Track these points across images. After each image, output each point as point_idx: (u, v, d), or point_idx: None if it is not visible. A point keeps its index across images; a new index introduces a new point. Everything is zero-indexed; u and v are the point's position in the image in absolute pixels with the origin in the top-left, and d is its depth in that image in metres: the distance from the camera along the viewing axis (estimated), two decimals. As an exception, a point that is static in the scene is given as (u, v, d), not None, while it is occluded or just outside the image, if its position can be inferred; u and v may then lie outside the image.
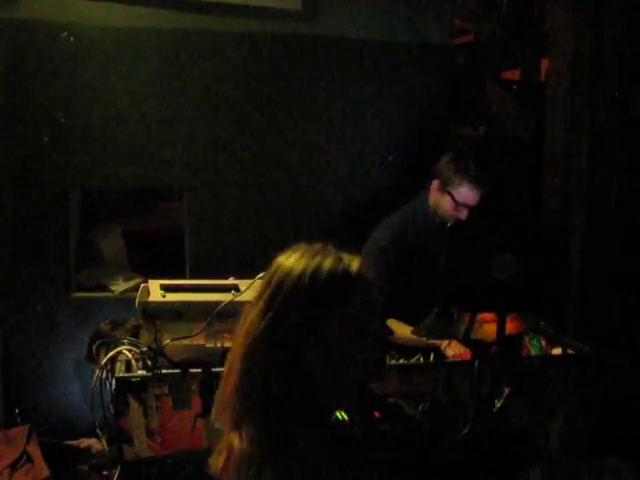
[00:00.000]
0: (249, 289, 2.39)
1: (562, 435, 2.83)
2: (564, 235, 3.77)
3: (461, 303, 2.68)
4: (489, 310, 2.62)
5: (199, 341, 2.59)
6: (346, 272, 1.39)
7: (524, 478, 2.74)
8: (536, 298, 2.68)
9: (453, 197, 3.30)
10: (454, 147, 3.48)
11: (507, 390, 2.56)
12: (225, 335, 2.65)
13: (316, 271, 1.38)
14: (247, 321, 1.39)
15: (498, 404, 2.54)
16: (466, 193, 3.29)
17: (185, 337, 2.47)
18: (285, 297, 1.36)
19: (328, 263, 1.39)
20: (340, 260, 1.41)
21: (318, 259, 1.40)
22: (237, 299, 2.37)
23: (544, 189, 4.11)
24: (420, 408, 2.63)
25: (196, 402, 2.51)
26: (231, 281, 2.45)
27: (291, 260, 1.43)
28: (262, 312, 1.37)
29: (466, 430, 2.52)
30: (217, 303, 2.37)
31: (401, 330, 3.20)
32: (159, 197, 4.47)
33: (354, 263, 1.42)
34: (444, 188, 3.33)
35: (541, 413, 2.77)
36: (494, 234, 2.70)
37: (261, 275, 2.46)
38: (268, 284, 1.41)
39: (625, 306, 3.79)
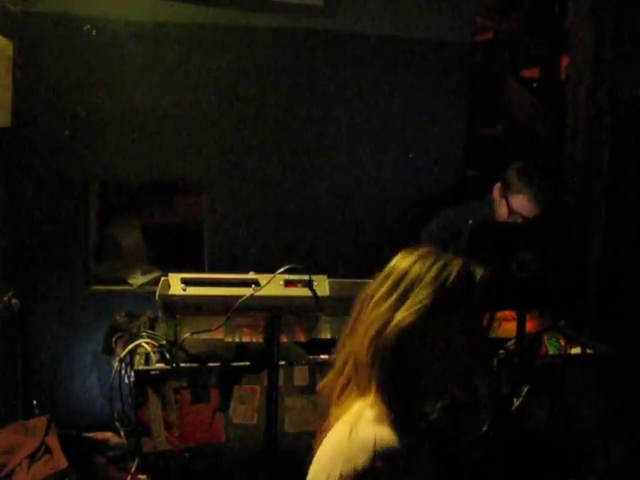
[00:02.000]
0: (269, 283, 2.39)
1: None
2: (583, 233, 3.75)
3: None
4: (509, 308, 2.62)
5: (218, 335, 2.59)
6: (471, 274, 1.58)
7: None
8: (556, 296, 2.68)
9: (509, 203, 3.31)
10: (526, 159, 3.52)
11: (526, 389, 2.56)
12: (244, 330, 2.65)
13: (445, 269, 1.57)
14: (374, 312, 1.58)
15: (517, 403, 2.54)
16: (522, 203, 3.32)
17: (204, 331, 2.47)
18: (416, 291, 1.56)
19: (456, 265, 1.58)
20: (468, 264, 1.60)
21: (446, 259, 1.60)
22: (257, 294, 2.37)
23: (564, 187, 4.09)
24: (438, 405, 2.62)
25: (214, 396, 2.51)
26: (252, 275, 2.45)
27: (417, 259, 1.60)
28: (393, 306, 1.56)
29: (484, 428, 2.52)
30: (237, 297, 2.37)
31: None
32: (178, 191, 4.48)
33: (479, 270, 1.60)
34: (504, 193, 3.37)
35: (560, 413, 2.76)
36: (515, 232, 2.70)
37: (284, 268, 2.47)
38: (395, 282, 1.58)
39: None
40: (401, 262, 1.62)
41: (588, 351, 2.93)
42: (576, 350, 2.97)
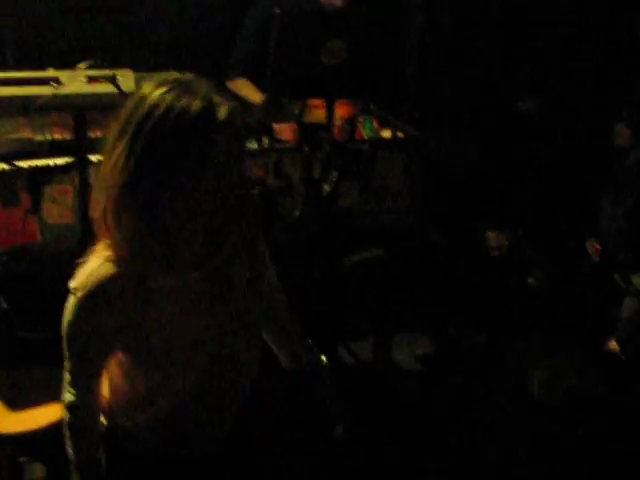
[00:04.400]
0: (71, 81, 2.29)
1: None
2: (399, 17, 3.75)
3: (291, 90, 2.68)
4: (318, 96, 2.65)
5: (26, 134, 2.52)
6: (212, 118, 1.30)
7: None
8: (366, 83, 2.73)
9: None
10: None
11: (336, 174, 2.66)
12: (54, 128, 2.57)
13: (181, 114, 1.28)
14: (111, 160, 1.32)
15: (327, 188, 2.65)
16: None
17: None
18: (147, 141, 1.28)
19: (195, 106, 1.29)
20: (209, 103, 1.30)
21: (185, 100, 1.29)
22: (58, 92, 2.27)
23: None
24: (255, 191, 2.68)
25: (25, 199, 2.46)
26: (51, 72, 2.33)
27: (156, 95, 1.30)
28: (126, 154, 1.30)
29: (297, 214, 2.64)
30: (39, 97, 2.27)
31: (250, 93, 3.08)
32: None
33: (223, 109, 1.31)
34: None
35: (369, 196, 2.89)
36: (323, 20, 2.68)
37: (84, 65, 2.36)
38: (128, 122, 1.30)
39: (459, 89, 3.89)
40: (134, 98, 1.34)
41: (398, 134, 3.03)
42: (387, 133, 3.05)
